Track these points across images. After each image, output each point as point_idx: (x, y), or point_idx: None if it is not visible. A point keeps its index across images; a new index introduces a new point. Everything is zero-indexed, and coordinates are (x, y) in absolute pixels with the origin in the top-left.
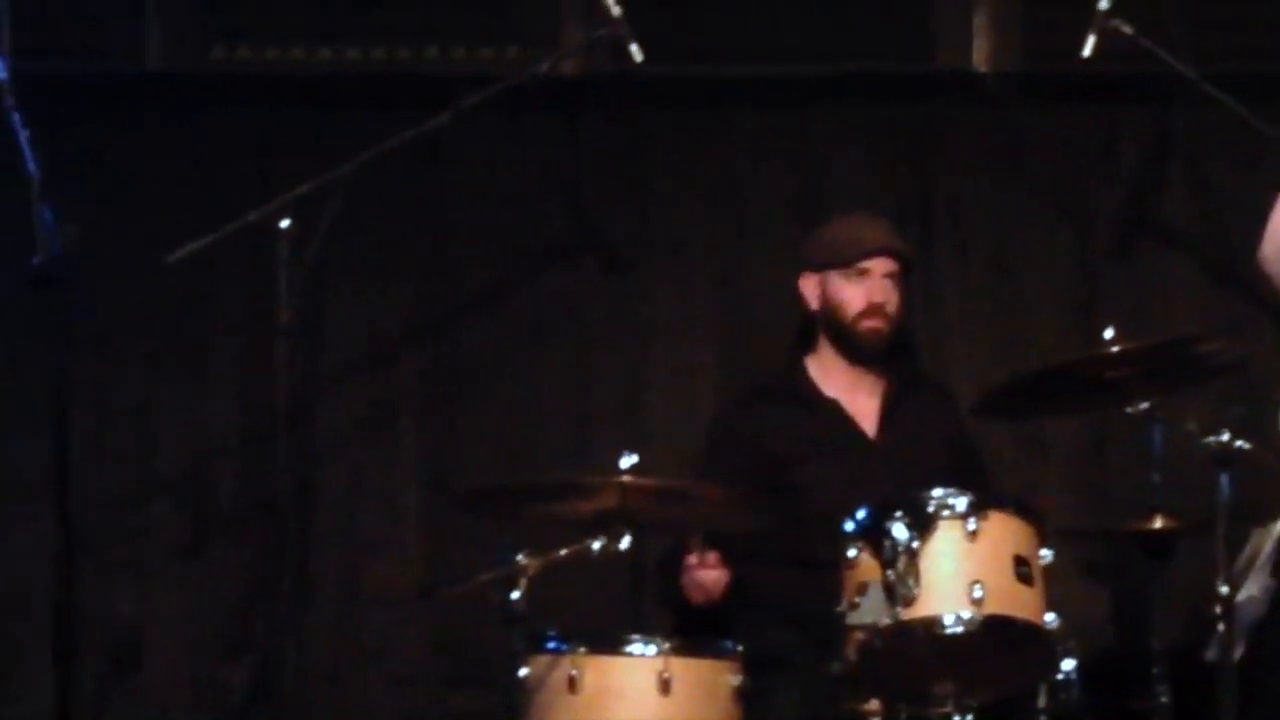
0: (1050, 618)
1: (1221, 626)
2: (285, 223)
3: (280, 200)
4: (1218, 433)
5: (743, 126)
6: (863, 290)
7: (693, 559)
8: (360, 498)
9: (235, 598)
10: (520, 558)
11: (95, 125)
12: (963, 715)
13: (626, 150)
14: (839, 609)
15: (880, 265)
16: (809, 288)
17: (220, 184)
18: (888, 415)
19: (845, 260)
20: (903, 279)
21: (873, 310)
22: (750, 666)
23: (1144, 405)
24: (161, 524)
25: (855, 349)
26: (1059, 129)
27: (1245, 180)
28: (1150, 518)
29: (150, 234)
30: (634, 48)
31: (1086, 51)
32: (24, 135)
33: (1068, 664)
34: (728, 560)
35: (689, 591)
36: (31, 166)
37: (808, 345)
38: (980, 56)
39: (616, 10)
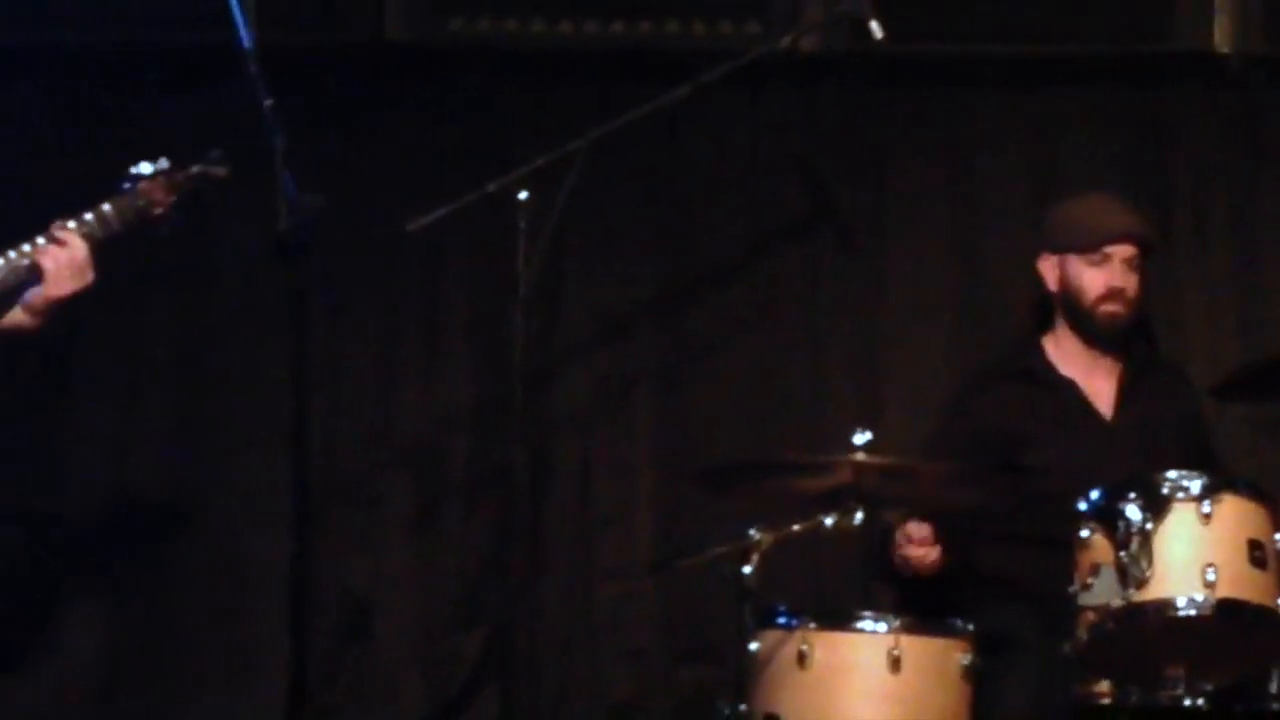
0: None
1: None
2: (523, 195)
3: (519, 172)
4: None
5: (981, 106)
6: (1103, 275)
7: (900, 536)
8: (593, 471)
9: (467, 569)
10: (753, 533)
11: (336, 96)
12: (1194, 699)
13: (863, 128)
14: (1071, 589)
15: (1121, 250)
16: (1047, 269)
17: (458, 156)
18: (1124, 397)
19: (1086, 245)
20: (1143, 263)
21: (1112, 295)
22: (981, 646)
23: None
24: (395, 495)
25: (1093, 332)
26: None
27: None
28: None
29: (388, 204)
30: (874, 25)
31: None
32: (267, 105)
33: None
34: (959, 539)
35: (897, 565)
36: (274, 136)
37: (1045, 324)
38: (1221, 38)
39: None
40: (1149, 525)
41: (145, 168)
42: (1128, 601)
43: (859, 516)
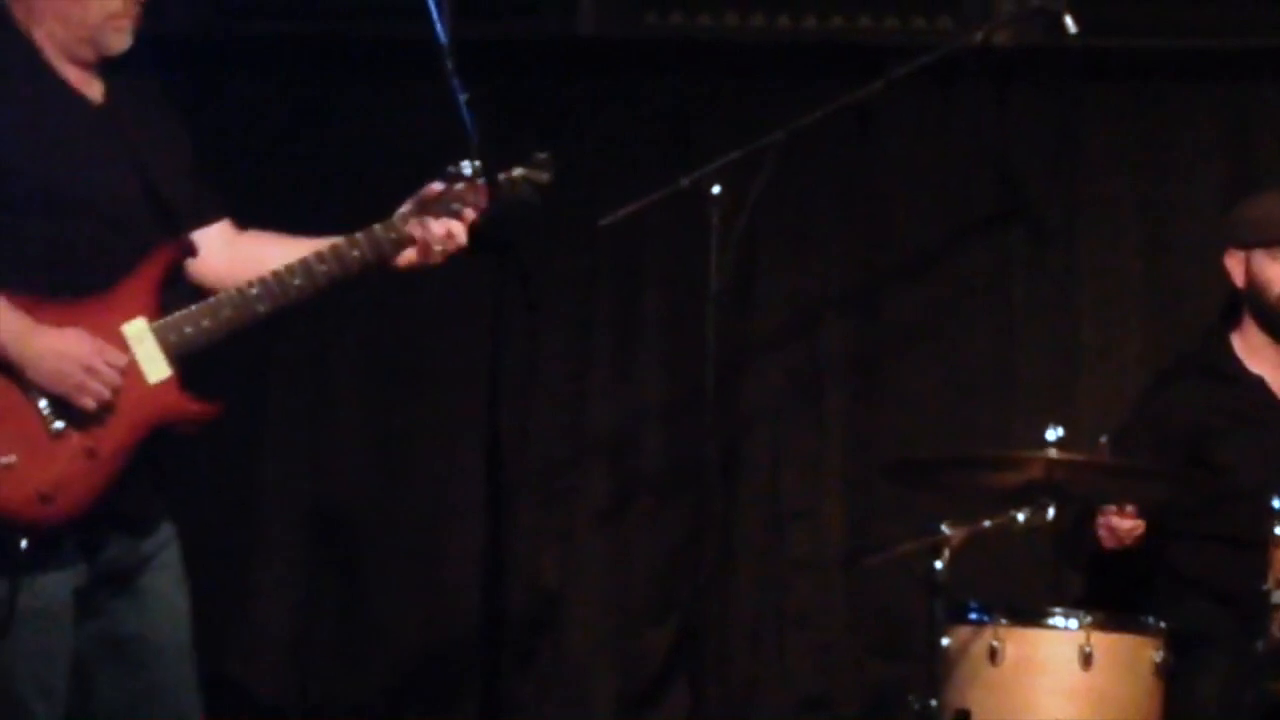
0: None
1: None
2: (716, 189)
3: (712, 166)
4: None
5: (1174, 100)
6: None
7: (1111, 506)
8: (784, 465)
9: (659, 562)
10: (944, 528)
11: (530, 89)
12: None
13: (1057, 122)
14: (1264, 587)
15: None
16: (1234, 265)
17: (650, 149)
18: None
19: (1271, 240)
20: None
21: None
22: (1172, 642)
23: None
24: (588, 488)
25: None
26: None
27: None
28: None
29: (582, 197)
30: (1068, 20)
31: None
32: (462, 98)
33: None
34: (1150, 532)
35: (1100, 534)
36: (469, 129)
37: (1233, 320)
38: None
39: None
40: None
41: (465, 167)
42: None
43: (1051, 512)
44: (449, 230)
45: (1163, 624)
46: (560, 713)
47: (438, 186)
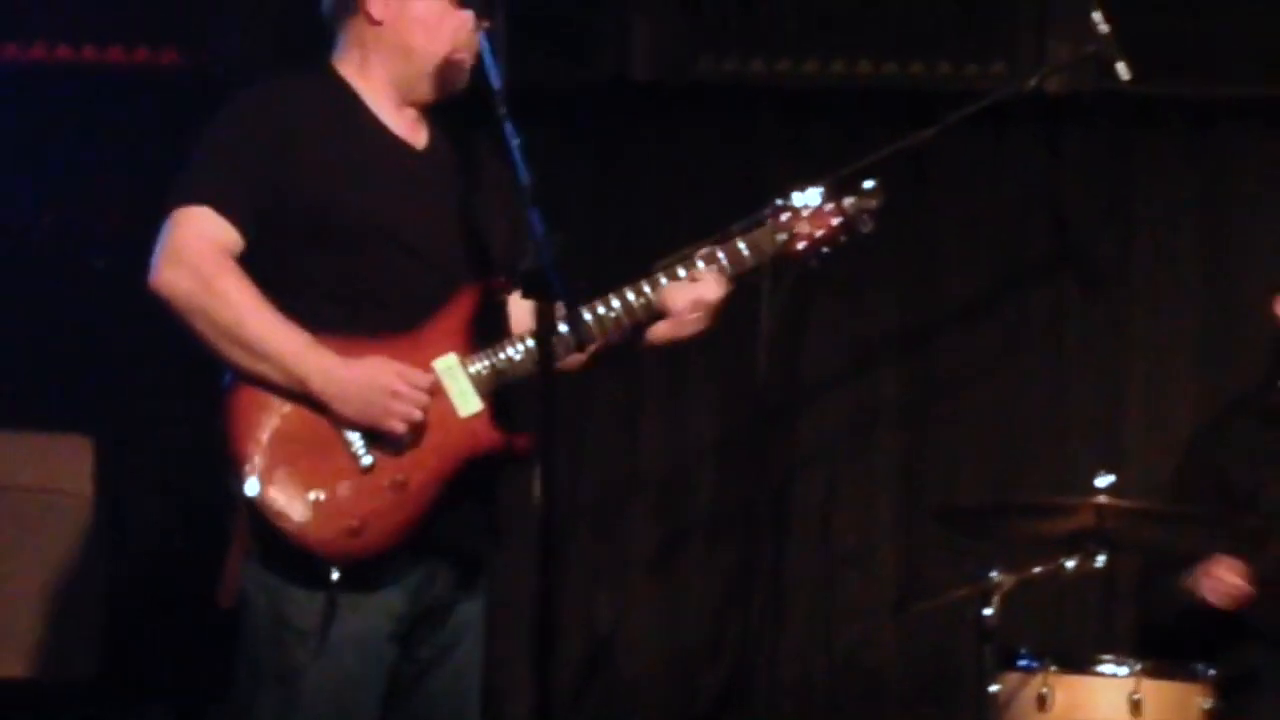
0: None
1: None
2: None
3: (765, 210)
4: None
5: (1228, 148)
6: None
7: (1215, 568)
8: (836, 508)
9: (710, 604)
10: (994, 574)
11: (583, 134)
12: None
13: (1110, 168)
14: None
15: None
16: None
17: (704, 194)
18: None
19: None
20: None
21: None
22: (1223, 689)
23: None
24: (639, 530)
25: None
26: None
27: None
28: None
29: (636, 241)
30: (1121, 66)
31: None
32: (515, 144)
33: None
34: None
35: (1207, 591)
36: (522, 174)
37: None
38: None
39: (1104, 27)
40: None
41: (796, 199)
42: None
43: (1101, 559)
44: (696, 297)
45: (1212, 671)
46: None
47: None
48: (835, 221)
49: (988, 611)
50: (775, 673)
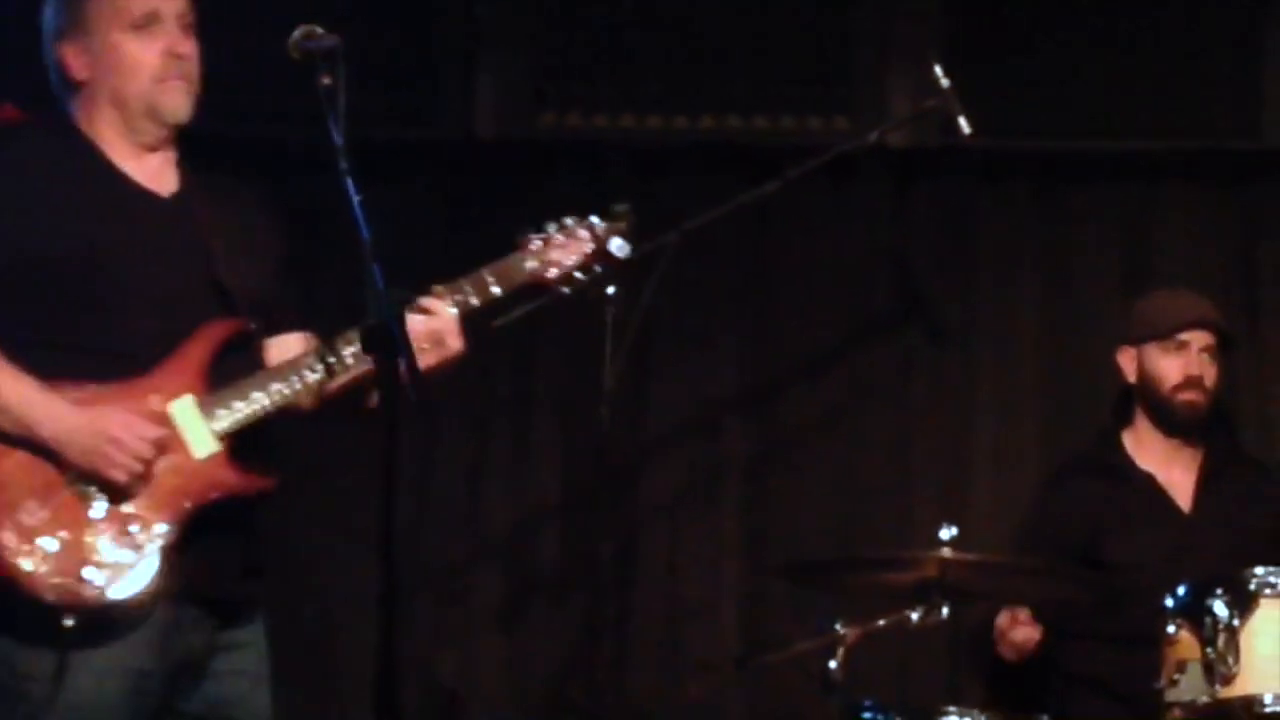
0: None
1: None
2: (611, 289)
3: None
4: None
5: (1070, 202)
6: (1180, 363)
7: (1003, 620)
8: (680, 564)
9: (555, 661)
10: (839, 627)
11: (428, 191)
12: None
13: (953, 222)
14: (1158, 686)
15: (1198, 338)
16: (1126, 360)
17: None
18: (1203, 489)
19: (1162, 333)
20: (1221, 353)
21: (1190, 383)
22: None
23: None
24: (484, 587)
25: (1172, 422)
26: None
27: None
28: None
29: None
30: (962, 121)
31: None
32: (356, 200)
33: None
34: (1045, 634)
35: (1002, 651)
36: (363, 231)
37: (1125, 418)
38: None
39: (945, 83)
40: (1236, 621)
41: (550, 227)
42: (1214, 698)
43: (945, 612)
44: (431, 331)
45: None
46: None
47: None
48: (588, 248)
49: (833, 664)
50: None
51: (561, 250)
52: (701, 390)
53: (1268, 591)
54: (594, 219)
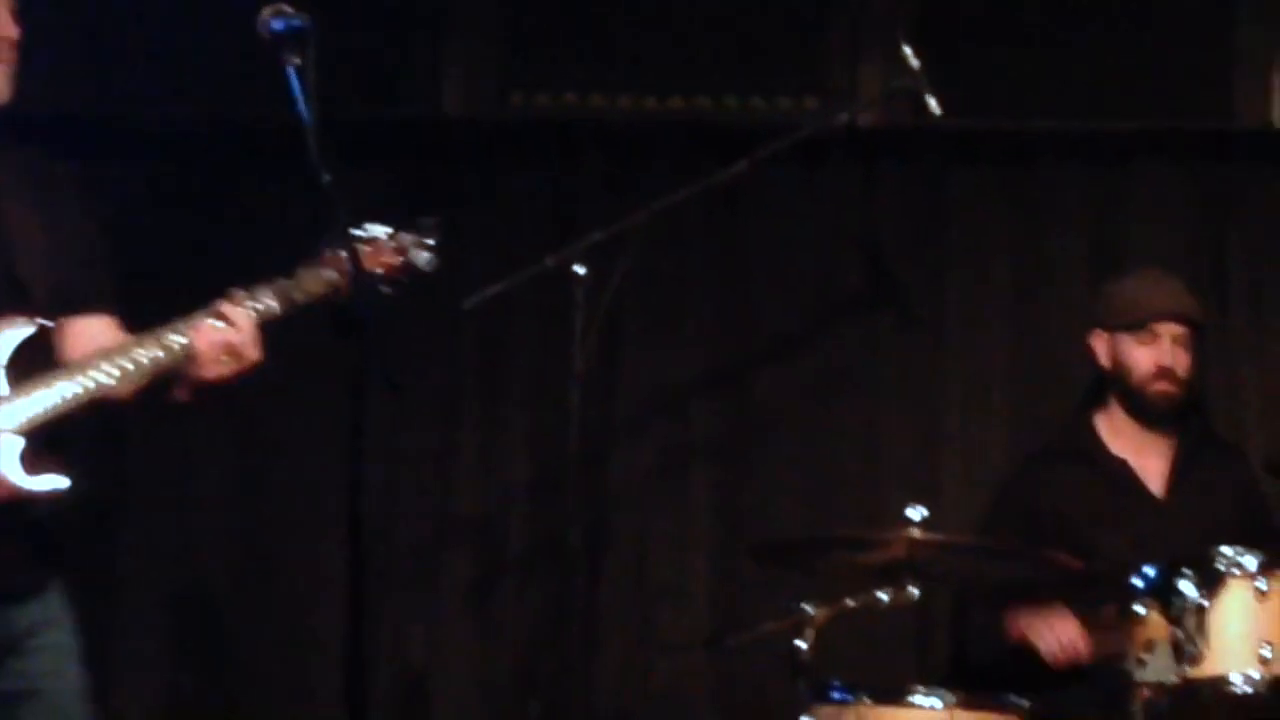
0: None
1: None
2: (581, 269)
3: (576, 247)
4: None
5: (1041, 182)
6: (1152, 354)
7: (1050, 633)
8: (650, 545)
9: (524, 643)
10: (808, 607)
11: (394, 171)
12: None
13: (924, 203)
14: (1126, 666)
15: (1170, 329)
16: (1099, 346)
17: (517, 231)
18: (1176, 476)
19: (1133, 323)
20: (1194, 341)
21: (1162, 374)
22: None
23: None
24: (453, 569)
25: (1146, 411)
26: None
27: None
28: None
29: (448, 280)
30: (932, 101)
31: None
32: (325, 181)
33: None
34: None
35: (1044, 642)
36: (334, 212)
37: (1098, 402)
38: None
39: (915, 63)
40: (1205, 602)
41: (356, 236)
42: (1183, 679)
43: (914, 592)
44: (226, 341)
45: (1025, 703)
46: None
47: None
48: (394, 260)
49: (801, 644)
50: (591, 710)
51: (367, 261)
52: (671, 372)
53: (1236, 572)
54: (402, 232)
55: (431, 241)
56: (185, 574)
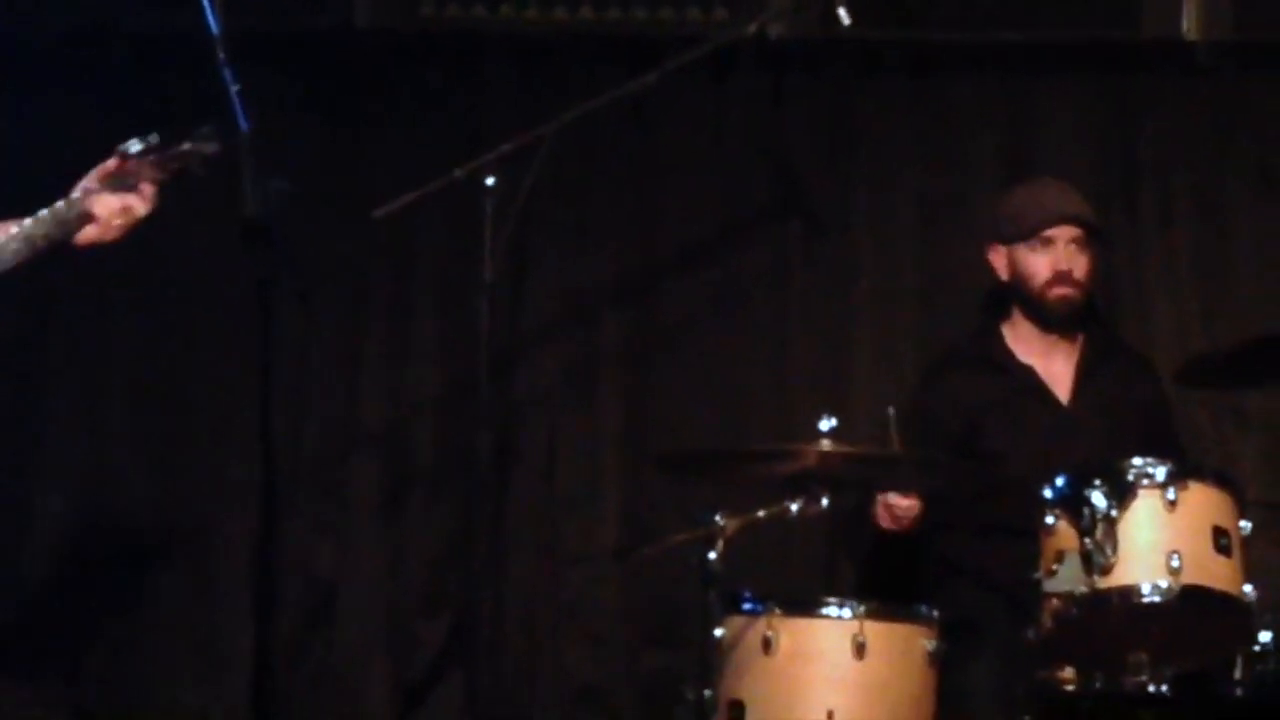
0: (1248, 589)
1: None
2: (490, 180)
3: (485, 158)
4: None
5: (949, 93)
6: (1048, 259)
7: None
8: (558, 456)
9: (432, 554)
10: (718, 518)
11: (304, 82)
12: (1157, 685)
13: (832, 115)
14: (1036, 576)
15: (1064, 233)
16: (997, 259)
17: (427, 141)
18: (1082, 381)
19: (1028, 231)
20: (1090, 244)
21: (1060, 278)
22: (945, 632)
23: None
24: (361, 480)
25: (1047, 317)
26: (1269, 97)
27: None
28: None
29: (357, 190)
30: (842, 12)
31: None
32: (234, 91)
33: (1265, 636)
34: (924, 526)
35: (879, 516)
36: (241, 122)
37: (1002, 312)
38: (1190, 25)
39: None
40: (1114, 512)
41: (133, 145)
42: (1092, 588)
43: (824, 502)
44: (125, 205)
45: (936, 613)
46: (333, 705)
47: (112, 163)
48: (173, 165)
49: (711, 556)
50: (499, 621)
51: (151, 169)
52: (580, 283)
53: (1145, 482)
54: (184, 142)
55: (213, 149)
56: (93, 484)
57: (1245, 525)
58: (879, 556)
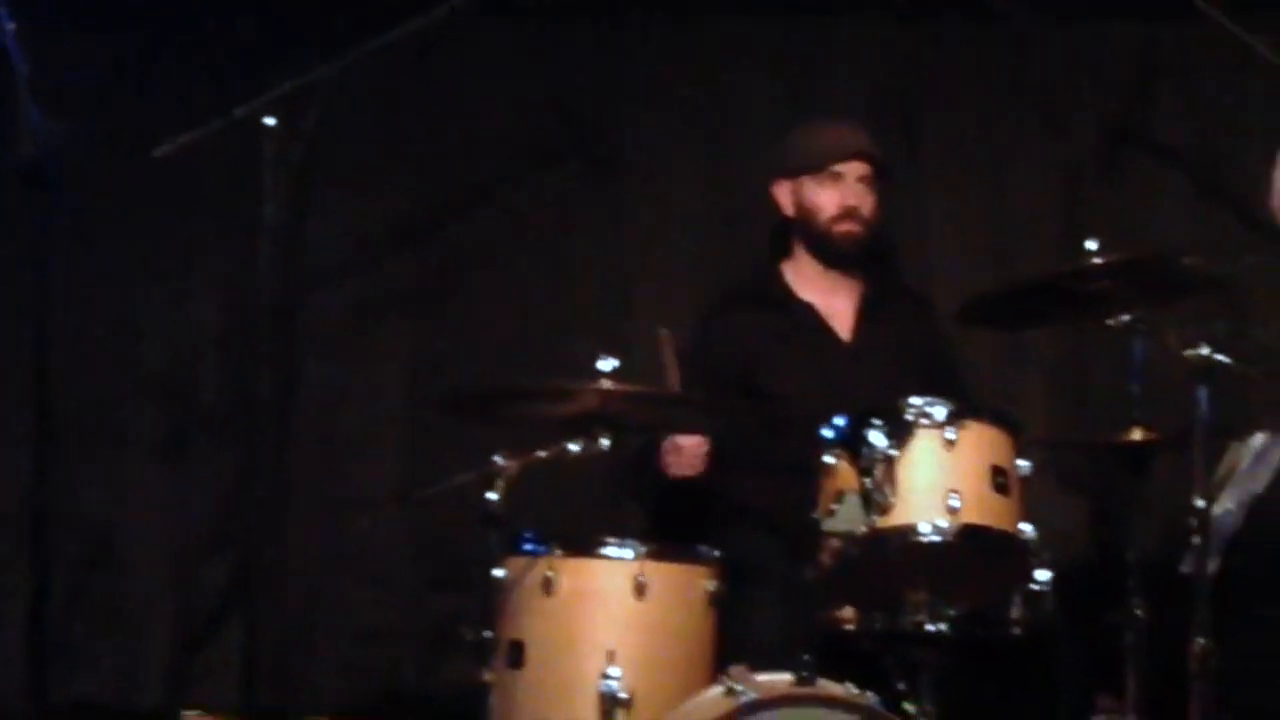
0: (1026, 528)
1: (1197, 540)
2: (271, 121)
3: (265, 98)
4: (1197, 347)
5: (731, 33)
6: (836, 194)
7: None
8: (342, 399)
9: (215, 497)
10: (498, 459)
11: (81, 21)
12: (937, 624)
13: (614, 55)
14: (815, 516)
15: (853, 169)
16: (783, 194)
17: (208, 81)
18: (863, 319)
19: (817, 165)
20: (877, 182)
21: (847, 214)
22: (726, 572)
23: (1125, 318)
24: (142, 423)
25: (831, 253)
26: (1051, 42)
27: (1235, 97)
28: (1129, 430)
29: (136, 131)
30: None
31: None
32: (9, 30)
33: (1043, 574)
34: (712, 469)
35: (667, 460)
36: (18, 62)
37: (783, 250)
38: None
39: None
40: (893, 452)
41: None
42: (871, 528)
43: (605, 442)
44: None
45: (716, 554)
46: (114, 650)
47: None
48: None
49: (492, 496)
50: (282, 565)
51: None
52: (362, 223)
53: (924, 422)
54: None
55: None
56: None
57: (1024, 464)
58: (667, 500)
